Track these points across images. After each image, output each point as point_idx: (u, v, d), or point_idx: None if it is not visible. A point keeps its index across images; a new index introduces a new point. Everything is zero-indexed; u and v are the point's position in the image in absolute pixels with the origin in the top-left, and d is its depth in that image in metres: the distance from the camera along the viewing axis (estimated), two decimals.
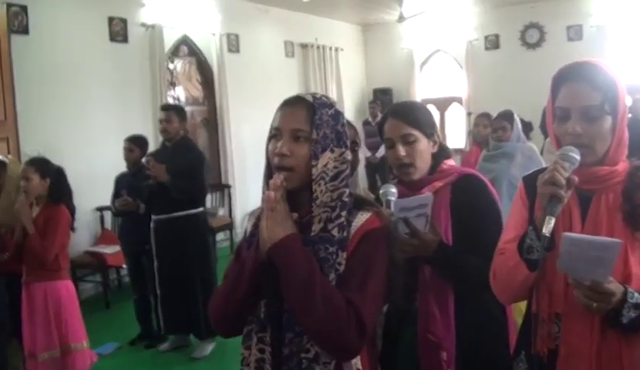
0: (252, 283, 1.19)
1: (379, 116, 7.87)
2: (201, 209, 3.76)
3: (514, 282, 1.24)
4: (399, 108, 1.66)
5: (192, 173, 3.60)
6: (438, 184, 1.62)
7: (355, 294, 1.13)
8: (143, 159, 3.71)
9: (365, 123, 8.25)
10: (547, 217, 1.11)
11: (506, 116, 3.35)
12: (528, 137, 3.71)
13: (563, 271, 1.13)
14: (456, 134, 9.16)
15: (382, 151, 7.42)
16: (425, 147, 1.63)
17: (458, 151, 7.62)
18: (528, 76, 7.90)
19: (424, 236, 1.52)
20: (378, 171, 7.99)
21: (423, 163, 1.62)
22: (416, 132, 1.60)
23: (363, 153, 7.59)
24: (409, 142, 1.59)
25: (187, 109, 5.14)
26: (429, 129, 1.64)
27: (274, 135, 1.21)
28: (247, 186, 6.93)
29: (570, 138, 1.21)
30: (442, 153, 1.69)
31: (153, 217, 3.72)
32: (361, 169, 2.55)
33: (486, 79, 8.59)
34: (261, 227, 1.16)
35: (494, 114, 3.66)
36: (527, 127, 3.78)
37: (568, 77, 1.24)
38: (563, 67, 1.27)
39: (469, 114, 8.34)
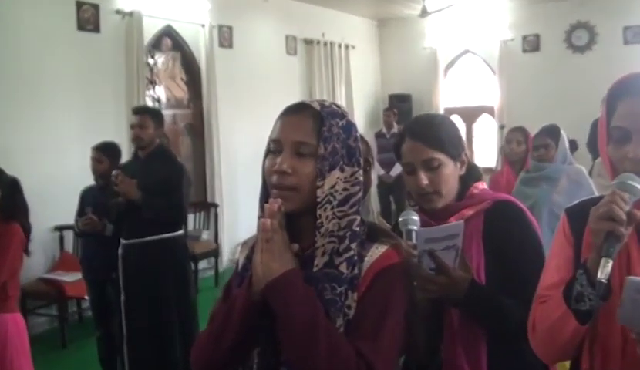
0: (243, 328, 1.18)
1: (395, 128, 7.90)
2: (180, 232, 3.76)
3: (560, 337, 1.22)
4: (418, 127, 1.67)
5: (169, 188, 3.57)
6: (468, 212, 1.63)
7: (367, 343, 1.12)
8: (113, 173, 3.70)
9: (379, 135, 8.16)
10: (604, 259, 1.08)
11: (551, 132, 3.34)
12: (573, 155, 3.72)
13: (623, 324, 1.11)
14: (485, 150, 9.10)
15: (397, 169, 7.40)
16: (451, 171, 1.65)
17: (487, 170, 7.52)
18: (573, 85, 7.87)
19: (453, 273, 1.52)
20: (392, 192, 7.97)
21: (449, 190, 1.65)
22: (441, 156, 1.62)
23: (376, 172, 7.70)
24: (432, 167, 1.61)
25: (169, 112, 5.40)
26: (455, 149, 1.66)
27: (273, 148, 1.22)
28: (237, 205, 6.90)
29: (631, 164, 1.19)
30: (471, 174, 1.70)
31: (122, 241, 3.67)
32: (372, 191, 2.43)
33: (522, 87, 8.51)
34: (254, 260, 1.16)
35: (531, 129, 3.66)
36: (571, 146, 3.71)
37: (628, 91, 1.22)
38: (621, 78, 1.25)
39: (501, 127, 8.28)
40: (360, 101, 9.37)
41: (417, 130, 1.65)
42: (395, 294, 1.17)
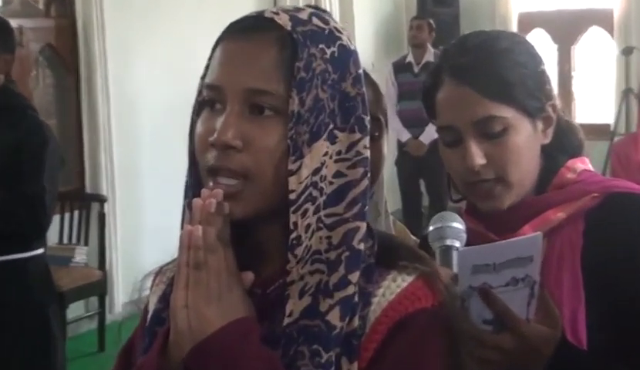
0: None
1: (431, 53, 6.95)
2: (39, 251, 3.51)
3: None
4: (467, 58, 1.52)
5: (16, 171, 3.36)
6: (556, 215, 1.52)
7: None
8: None
9: (400, 68, 7.18)
10: None
11: None
12: None
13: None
14: (594, 96, 8.43)
15: (433, 132, 6.34)
16: (526, 140, 1.52)
17: (599, 131, 7.05)
18: None
19: (527, 329, 1.39)
20: (424, 174, 7.11)
21: (523, 173, 1.53)
22: (509, 113, 1.49)
23: (394, 137, 6.85)
24: (491, 134, 1.49)
25: (15, 24, 4.67)
26: (534, 98, 1.51)
27: (209, 101, 1.12)
28: (140, 201, 6.38)
29: None
30: (562, 143, 1.58)
31: None
32: (386, 173, 2.27)
33: None
34: (173, 304, 1.06)
35: None
36: None
37: None
38: None
39: (626, 52, 7.50)
40: (366, 3, 8.36)
41: (466, 65, 1.52)
42: (426, 366, 1.10)
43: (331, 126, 1.10)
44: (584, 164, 1.59)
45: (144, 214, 6.38)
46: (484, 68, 1.50)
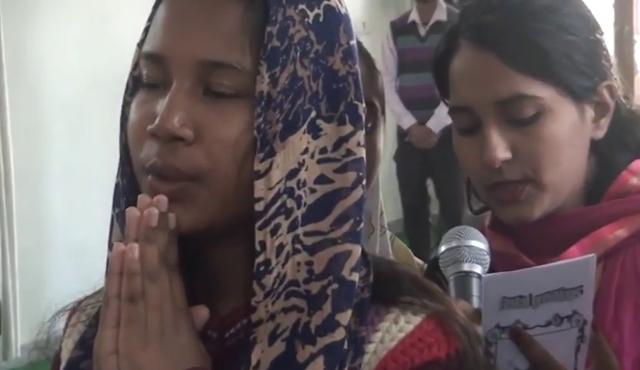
0: None
1: (441, 9, 6.66)
2: None
3: None
4: (494, 16, 1.51)
5: None
6: (614, 233, 1.51)
7: None
8: None
9: (401, 30, 6.76)
10: None
11: None
12: None
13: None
14: None
15: (445, 116, 6.63)
16: (570, 128, 1.49)
17: None
18: None
19: None
20: (432, 171, 6.79)
21: (563, 173, 1.51)
22: (545, 92, 1.47)
23: (396, 120, 6.62)
24: (520, 120, 1.47)
25: None
26: (584, 77, 1.49)
27: (149, 77, 1.09)
28: (47, 213, 6.21)
29: None
30: (625, 139, 1.56)
31: None
32: (383, 170, 2.20)
33: None
34: (98, 349, 1.05)
35: None
36: None
37: None
38: None
39: None
40: None
41: (488, 25, 1.51)
42: None
43: (314, 113, 1.08)
44: None
45: (52, 230, 6.19)
46: (515, 30, 1.48)
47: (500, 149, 1.49)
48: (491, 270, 1.53)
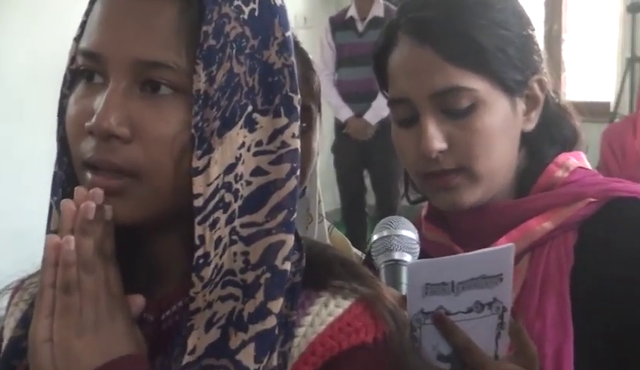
0: None
1: (378, 5, 6.73)
2: None
3: None
4: (430, 12, 1.51)
5: None
6: (540, 225, 1.51)
7: None
8: None
9: (340, 25, 6.82)
10: None
11: None
12: None
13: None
14: (593, 67, 8.18)
15: (382, 109, 6.35)
16: (502, 120, 1.50)
17: (595, 111, 6.67)
18: None
19: (494, 366, 1.36)
20: (369, 163, 6.82)
21: (496, 164, 1.51)
22: (480, 84, 1.47)
23: (333, 113, 6.72)
24: (457, 110, 1.48)
25: None
26: (516, 70, 1.50)
27: (85, 71, 1.08)
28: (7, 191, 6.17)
29: None
30: (550, 130, 1.57)
31: None
32: (321, 164, 2.28)
33: None
34: (33, 336, 1.04)
35: None
36: None
37: None
38: None
39: (633, 9, 7.20)
40: None
41: (426, 20, 1.51)
42: None
43: (250, 108, 1.08)
44: (578, 160, 1.58)
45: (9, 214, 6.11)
46: (451, 25, 1.49)
47: (437, 140, 1.49)
48: (424, 258, 1.52)
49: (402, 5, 1.60)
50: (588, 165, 1.63)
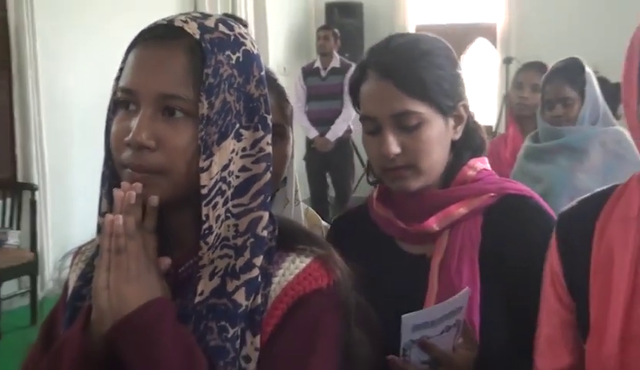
0: None
1: (336, 60, 7.69)
2: None
3: None
4: (392, 56, 1.55)
5: None
6: (457, 210, 1.58)
7: None
8: None
9: (309, 72, 7.72)
10: None
11: (572, 76, 3.22)
12: (616, 114, 3.47)
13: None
14: (479, 99, 8.82)
15: (339, 129, 7.42)
16: (438, 134, 1.56)
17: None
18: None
19: (454, 358, 1.48)
20: (330, 168, 7.65)
21: (433, 163, 1.57)
22: (423, 108, 1.53)
23: (304, 132, 7.47)
24: (407, 126, 1.53)
25: None
26: (448, 97, 1.56)
27: (124, 101, 1.13)
28: (69, 189, 6.63)
29: None
30: (467, 141, 1.63)
31: None
32: (298, 166, 2.50)
33: None
34: (95, 284, 1.09)
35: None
36: (614, 94, 3.28)
37: None
38: None
39: (506, 61, 8.10)
40: (279, 14, 8.93)
41: (389, 62, 1.54)
42: (321, 340, 1.14)
43: (238, 125, 1.15)
44: (483, 163, 1.66)
45: (73, 201, 6.65)
46: (405, 67, 1.53)
47: (394, 146, 1.53)
48: (377, 230, 1.64)
49: (371, 49, 1.62)
50: (489, 167, 1.68)
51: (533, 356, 1.43)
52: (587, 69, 3.25)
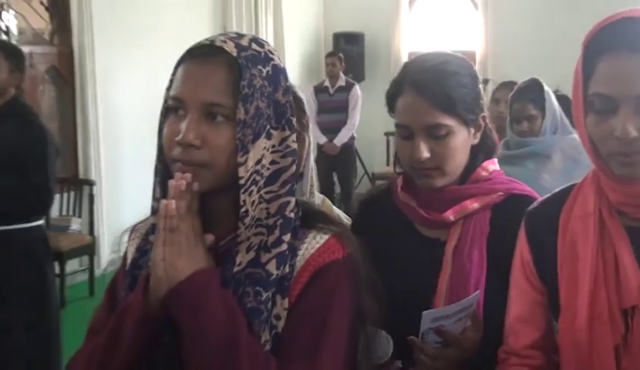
0: (137, 347, 1.16)
1: (342, 79, 8.10)
2: (39, 222, 3.66)
3: None
4: (426, 77, 1.57)
5: (26, 160, 3.45)
6: (471, 205, 1.60)
7: (300, 366, 1.14)
8: None
9: (319, 90, 8.08)
10: None
11: (534, 96, 3.27)
12: (573, 124, 3.20)
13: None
14: None
15: (344, 136, 7.77)
16: (462, 142, 1.59)
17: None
18: (583, 26, 7.23)
19: (464, 342, 1.49)
20: (336, 168, 7.94)
21: (456, 166, 1.60)
22: (452, 122, 1.55)
23: (314, 138, 7.45)
24: (437, 136, 1.55)
25: (23, 50, 4.61)
26: (471, 112, 1.58)
27: (174, 107, 1.18)
28: (121, 183, 6.83)
29: (618, 144, 1.22)
30: (482, 146, 1.65)
31: None
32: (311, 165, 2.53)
33: (515, 28, 8.66)
34: (154, 257, 1.14)
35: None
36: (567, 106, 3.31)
37: (613, 42, 1.23)
38: (600, 25, 1.26)
39: (485, 82, 7.65)
40: (294, 42, 9.16)
41: (424, 82, 1.56)
42: (337, 301, 1.19)
43: (268, 126, 1.18)
44: (494, 165, 1.66)
45: (123, 194, 6.79)
46: (437, 86, 1.54)
47: (425, 152, 1.54)
48: (400, 214, 1.65)
49: (406, 65, 1.64)
50: (498, 167, 1.68)
51: (503, 337, 1.49)
52: (546, 88, 3.37)
